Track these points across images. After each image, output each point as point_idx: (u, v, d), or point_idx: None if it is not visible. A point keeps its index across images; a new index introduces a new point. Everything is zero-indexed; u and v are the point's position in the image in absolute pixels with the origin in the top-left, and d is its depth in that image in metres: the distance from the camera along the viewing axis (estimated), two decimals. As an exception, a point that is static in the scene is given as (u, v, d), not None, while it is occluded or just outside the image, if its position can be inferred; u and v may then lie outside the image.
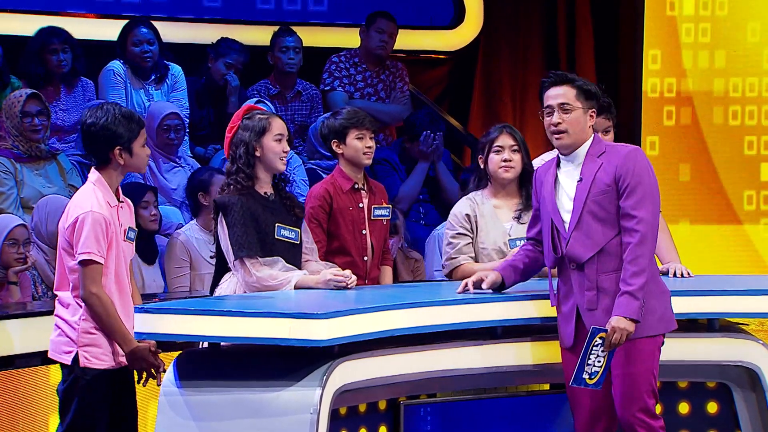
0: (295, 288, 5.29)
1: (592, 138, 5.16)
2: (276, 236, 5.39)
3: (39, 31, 7.97)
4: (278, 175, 5.55)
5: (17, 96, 7.28)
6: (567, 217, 5.11)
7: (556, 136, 5.13)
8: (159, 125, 7.84)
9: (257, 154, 5.45)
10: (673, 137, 9.60)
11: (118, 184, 5.22)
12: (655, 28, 9.59)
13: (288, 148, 5.51)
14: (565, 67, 10.05)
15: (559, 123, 5.11)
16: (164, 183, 7.86)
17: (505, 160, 5.88)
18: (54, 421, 5.61)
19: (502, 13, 10.00)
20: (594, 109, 5.17)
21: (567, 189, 5.14)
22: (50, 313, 5.33)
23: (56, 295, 5.19)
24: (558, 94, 5.13)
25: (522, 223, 5.86)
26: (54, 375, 5.70)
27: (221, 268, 5.51)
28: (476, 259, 5.89)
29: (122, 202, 5.21)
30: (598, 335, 4.95)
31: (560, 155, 5.20)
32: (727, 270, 9.04)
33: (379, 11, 8.96)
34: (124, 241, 5.18)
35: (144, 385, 5.20)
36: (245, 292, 5.35)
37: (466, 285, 5.31)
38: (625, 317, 4.96)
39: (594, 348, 4.96)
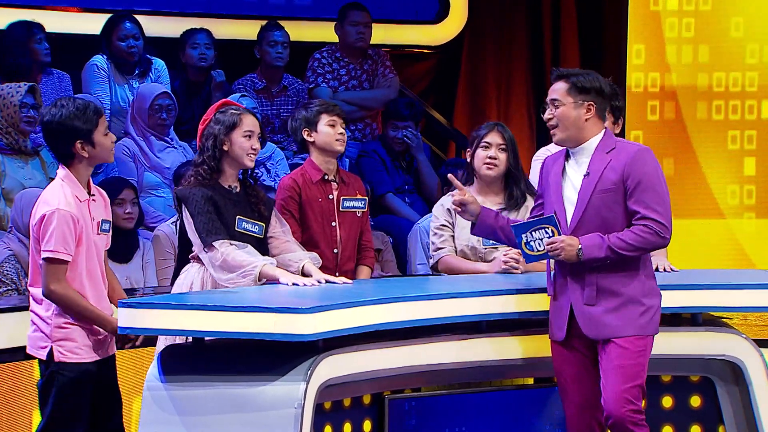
0: (260, 275, 5.28)
1: (602, 133, 5.14)
2: (236, 228, 5.41)
3: (12, 23, 7.93)
4: (248, 171, 5.56)
5: (16, 88, 7.23)
6: (571, 210, 5.10)
7: (551, 131, 5.16)
8: (150, 106, 7.81)
9: (225, 148, 5.50)
10: (656, 132, 9.61)
11: (89, 177, 5.16)
12: (639, 23, 9.60)
13: (258, 146, 5.52)
14: (549, 62, 10.06)
15: (550, 118, 5.14)
16: (157, 162, 7.82)
17: (490, 158, 5.90)
18: (37, 417, 5.59)
19: (487, 7, 10.00)
20: (592, 102, 5.11)
21: (573, 182, 5.13)
22: (31, 307, 5.31)
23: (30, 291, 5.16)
24: (552, 90, 5.17)
25: None
26: (37, 370, 5.68)
27: (183, 261, 5.53)
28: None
29: (93, 195, 5.16)
30: (552, 227, 5.01)
31: (568, 148, 5.20)
32: (710, 264, 9.05)
33: (350, 3, 8.91)
34: (98, 234, 5.15)
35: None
36: (203, 282, 5.37)
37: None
38: (579, 250, 4.98)
39: (543, 230, 5.02)
